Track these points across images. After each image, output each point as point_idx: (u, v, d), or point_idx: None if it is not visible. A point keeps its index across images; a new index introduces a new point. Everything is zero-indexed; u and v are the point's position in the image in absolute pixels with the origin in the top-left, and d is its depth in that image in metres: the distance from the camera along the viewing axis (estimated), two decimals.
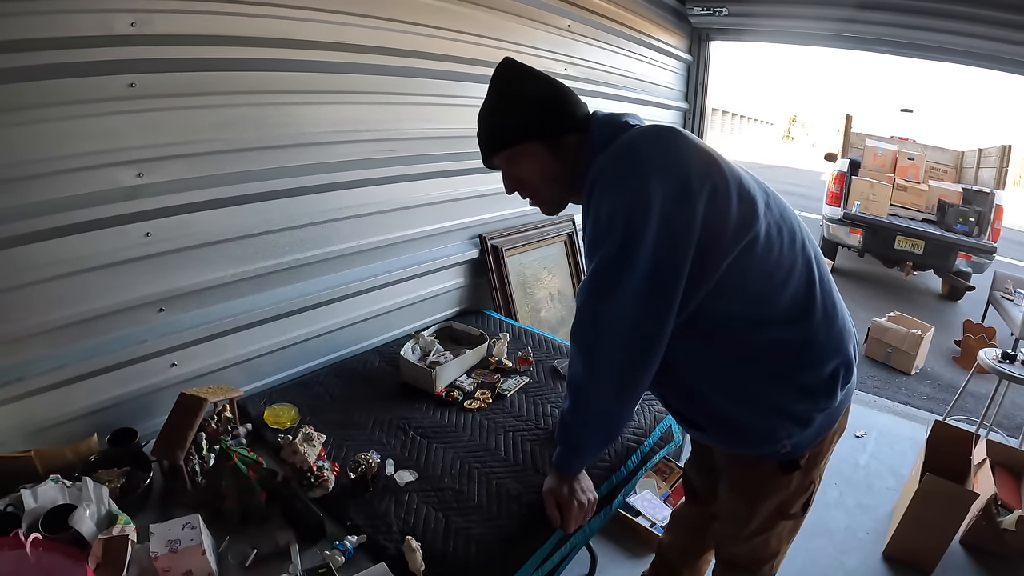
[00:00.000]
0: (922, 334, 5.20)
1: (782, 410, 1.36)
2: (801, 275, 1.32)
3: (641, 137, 1.29)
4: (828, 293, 1.37)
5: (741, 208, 1.23)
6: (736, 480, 1.59)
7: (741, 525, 1.61)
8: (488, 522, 1.47)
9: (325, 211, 2.09)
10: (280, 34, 1.80)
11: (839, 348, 1.37)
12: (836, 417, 1.45)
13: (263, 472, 1.45)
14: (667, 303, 1.22)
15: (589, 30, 3.13)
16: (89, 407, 1.64)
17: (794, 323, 1.32)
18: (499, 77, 1.43)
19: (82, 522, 1.20)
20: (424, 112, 2.38)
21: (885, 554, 2.79)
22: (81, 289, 1.56)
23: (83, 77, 1.44)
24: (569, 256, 3.35)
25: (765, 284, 1.28)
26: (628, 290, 1.22)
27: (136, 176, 1.59)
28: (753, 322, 1.31)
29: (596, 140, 1.35)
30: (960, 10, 3.02)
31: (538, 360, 2.27)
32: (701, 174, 1.21)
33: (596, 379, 1.32)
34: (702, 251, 1.20)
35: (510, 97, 1.41)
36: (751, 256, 1.25)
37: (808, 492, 1.55)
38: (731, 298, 1.27)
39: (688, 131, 1.35)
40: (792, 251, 1.31)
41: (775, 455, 1.42)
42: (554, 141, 1.40)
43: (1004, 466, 3.14)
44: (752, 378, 1.35)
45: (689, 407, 1.50)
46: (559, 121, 1.39)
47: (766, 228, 1.26)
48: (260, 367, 2.05)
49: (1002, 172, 7.32)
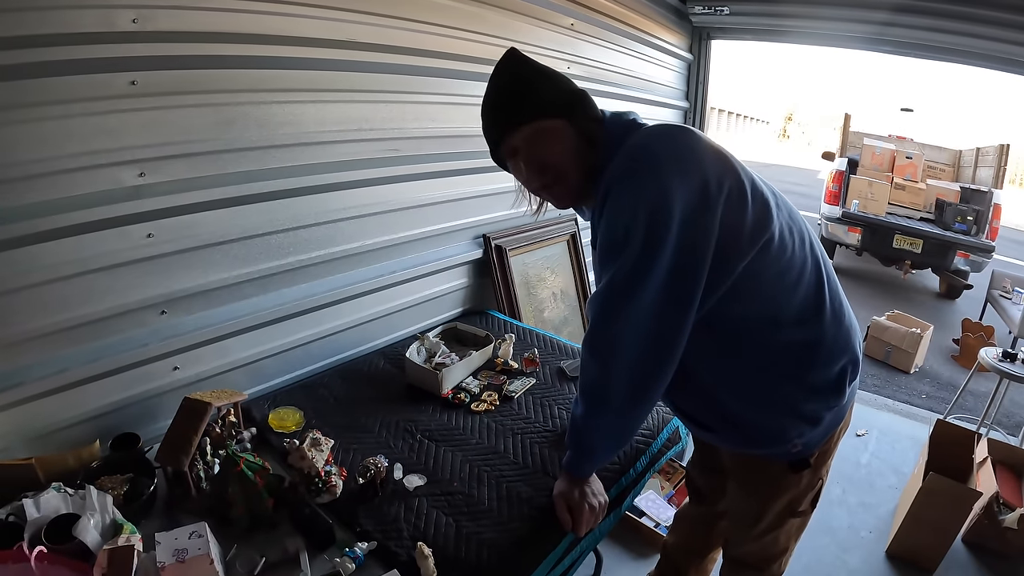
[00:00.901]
0: (921, 333, 5.21)
1: (793, 410, 1.36)
2: (811, 275, 1.31)
3: (654, 138, 1.26)
4: (835, 292, 1.37)
5: (756, 209, 1.22)
6: (745, 480, 1.58)
7: (751, 524, 1.60)
8: (499, 526, 1.45)
9: (329, 211, 2.07)
10: (283, 31, 1.78)
11: (847, 346, 1.37)
12: (843, 414, 1.44)
13: (270, 478, 1.42)
14: (686, 310, 1.21)
15: (592, 28, 3.12)
16: (91, 412, 1.61)
17: (806, 323, 1.31)
18: (511, 61, 1.37)
19: (86, 532, 1.17)
20: (428, 111, 2.36)
21: (888, 552, 2.78)
22: (82, 292, 1.53)
23: (84, 75, 1.42)
24: (572, 256, 3.34)
25: (778, 285, 1.28)
26: (647, 297, 1.20)
27: (138, 176, 1.57)
28: (766, 323, 1.30)
29: (610, 138, 1.31)
30: (962, 10, 3.02)
31: (544, 361, 2.25)
32: (718, 176, 1.19)
33: (611, 386, 1.30)
34: (720, 254, 1.18)
35: (529, 75, 1.34)
36: (766, 258, 1.23)
37: (816, 489, 1.54)
38: (746, 300, 1.26)
39: (697, 129, 1.33)
40: (803, 251, 1.30)
41: (785, 454, 1.41)
42: (578, 124, 1.32)
43: (1005, 464, 3.13)
44: (765, 379, 1.34)
45: (700, 409, 1.48)
46: (584, 105, 1.35)
47: (779, 229, 1.25)
48: (264, 370, 2.02)
49: (1000, 171, 7.33)
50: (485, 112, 1.39)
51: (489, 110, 1.38)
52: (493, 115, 1.38)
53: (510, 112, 1.33)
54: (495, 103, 1.37)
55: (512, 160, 1.38)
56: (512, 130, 1.34)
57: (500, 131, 1.36)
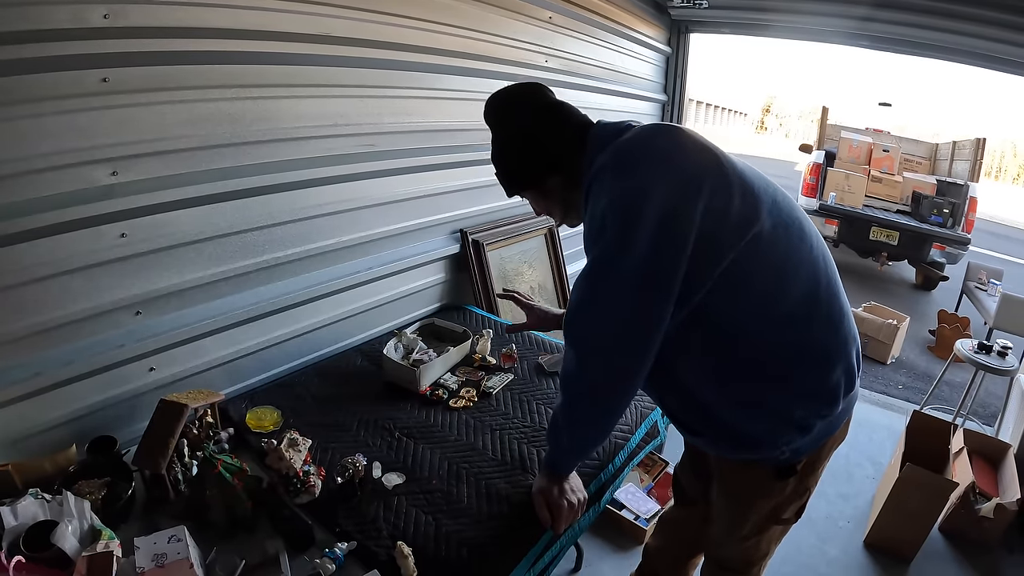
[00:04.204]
0: (898, 324, 5.28)
1: (782, 415, 1.34)
2: (808, 275, 1.30)
3: (639, 136, 1.29)
4: (835, 297, 1.35)
5: (743, 204, 1.22)
6: (729, 484, 1.57)
7: (733, 529, 1.60)
8: (479, 524, 1.45)
9: (305, 208, 2.05)
10: (257, 26, 1.76)
11: (842, 353, 1.34)
12: (837, 425, 1.43)
13: (249, 480, 1.41)
14: (661, 301, 1.21)
15: (570, 22, 3.11)
16: (66, 415, 1.59)
17: (798, 324, 1.29)
18: (499, 115, 1.48)
19: (64, 539, 1.15)
20: (405, 105, 2.34)
21: (866, 542, 2.83)
22: (55, 293, 1.50)
23: (54, 72, 1.38)
24: (549, 249, 3.34)
25: (770, 282, 1.27)
26: (622, 288, 1.21)
27: (110, 175, 1.54)
28: (757, 321, 1.28)
29: (598, 141, 1.34)
30: (941, 6, 3.04)
31: (522, 356, 2.26)
32: (698, 171, 1.21)
33: (588, 377, 1.31)
34: (701, 248, 1.18)
35: (520, 138, 1.45)
36: (755, 252, 1.23)
37: (803, 499, 1.54)
38: (735, 296, 1.25)
39: (690, 128, 1.34)
40: (799, 250, 1.30)
41: (772, 460, 1.41)
42: (570, 167, 1.40)
43: (981, 454, 3.19)
44: (754, 381, 1.33)
45: (688, 412, 1.48)
46: (570, 146, 1.40)
47: (771, 225, 1.24)
48: (241, 369, 2.00)
49: (976, 165, 7.43)
50: (493, 160, 1.52)
51: (496, 163, 1.52)
52: (500, 171, 1.52)
53: (511, 181, 1.51)
54: (497, 164, 1.51)
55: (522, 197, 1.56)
56: (515, 193, 1.52)
57: (509, 189, 1.53)
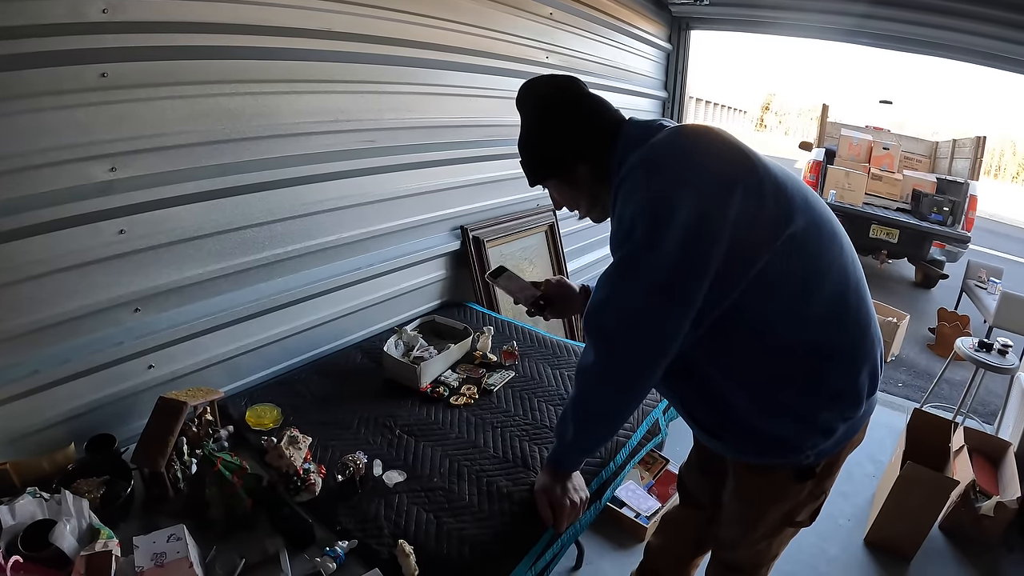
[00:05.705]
0: (898, 322, 5.26)
1: (808, 419, 1.33)
2: (838, 275, 1.29)
3: (671, 136, 1.29)
4: (863, 300, 1.34)
5: (776, 205, 1.22)
6: (745, 486, 1.55)
7: (747, 531, 1.59)
8: (480, 522, 1.45)
9: (305, 204, 2.04)
10: (257, 20, 1.75)
11: (869, 355, 1.34)
12: (858, 428, 1.42)
13: (248, 478, 1.40)
14: (684, 303, 1.20)
15: (571, 18, 3.11)
16: (65, 414, 1.58)
17: (827, 325, 1.29)
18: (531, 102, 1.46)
19: (63, 538, 1.15)
20: (405, 101, 2.34)
21: (866, 540, 2.82)
22: (53, 290, 1.49)
23: (53, 67, 1.38)
24: (550, 246, 3.33)
25: (802, 282, 1.26)
26: (646, 287, 1.20)
27: (109, 171, 1.53)
28: (789, 320, 1.27)
29: (629, 140, 1.34)
30: (941, 4, 3.04)
31: (523, 354, 2.25)
32: (731, 172, 1.20)
33: (603, 372, 1.30)
34: (732, 249, 1.18)
35: (549, 123, 1.43)
36: (789, 253, 1.22)
37: (818, 501, 1.53)
38: (769, 296, 1.24)
39: (722, 128, 1.33)
40: (830, 250, 1.29)
41: (794, 463, 1.40)
42: (598, 159, 1.39)
43: (981, 452, 3.19)
44: (784, 383, 1.32)
45: (711, 414, 1.45)
46: (600, 139, 1.38)
47: (804, 224, 1.24)
48: (240, 366, 2.00)
49: (976, 163, 7.41)
50: (520, 146, 1.50)
51: (523, 148, 1.49)
52: (526, 157, 1.49)
53: (534, 168, 1.49)
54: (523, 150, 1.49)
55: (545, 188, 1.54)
56: (539, 181, 1.50)
57: (533, 177, 1.50)
